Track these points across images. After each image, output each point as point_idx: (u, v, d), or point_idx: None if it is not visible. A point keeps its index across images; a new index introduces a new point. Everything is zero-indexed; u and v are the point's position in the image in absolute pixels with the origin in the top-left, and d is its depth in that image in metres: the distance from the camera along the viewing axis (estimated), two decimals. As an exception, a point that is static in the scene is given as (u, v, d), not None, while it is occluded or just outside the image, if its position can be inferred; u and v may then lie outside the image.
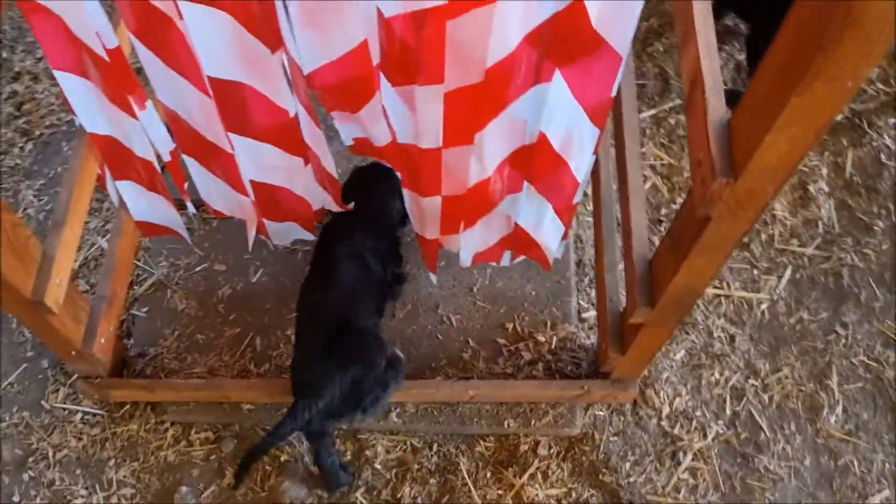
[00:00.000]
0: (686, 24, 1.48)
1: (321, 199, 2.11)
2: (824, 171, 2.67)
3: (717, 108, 1.34)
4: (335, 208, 2.14)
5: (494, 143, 1.71)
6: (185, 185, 2.10)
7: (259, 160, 1.86)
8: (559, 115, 1.64)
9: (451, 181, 1.78)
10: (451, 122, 1.59)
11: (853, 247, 2.53)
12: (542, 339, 2.24)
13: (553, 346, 2.24)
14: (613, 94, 1.55)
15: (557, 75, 1.55)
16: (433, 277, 2.26)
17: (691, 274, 1.54)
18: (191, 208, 2.15)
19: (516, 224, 2.04)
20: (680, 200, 2.62)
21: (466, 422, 2.16)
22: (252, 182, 1.93)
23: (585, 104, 1.59)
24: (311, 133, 1.89)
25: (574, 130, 1.66)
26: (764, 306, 2.44)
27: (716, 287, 2.48)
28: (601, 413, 2.24)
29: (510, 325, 2.27)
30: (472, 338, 2.25)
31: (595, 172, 2.25)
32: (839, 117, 2.76)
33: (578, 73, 1.52)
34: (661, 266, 1.67)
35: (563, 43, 1.47)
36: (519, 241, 2.09)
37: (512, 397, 2.15)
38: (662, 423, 2.25)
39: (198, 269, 2.34)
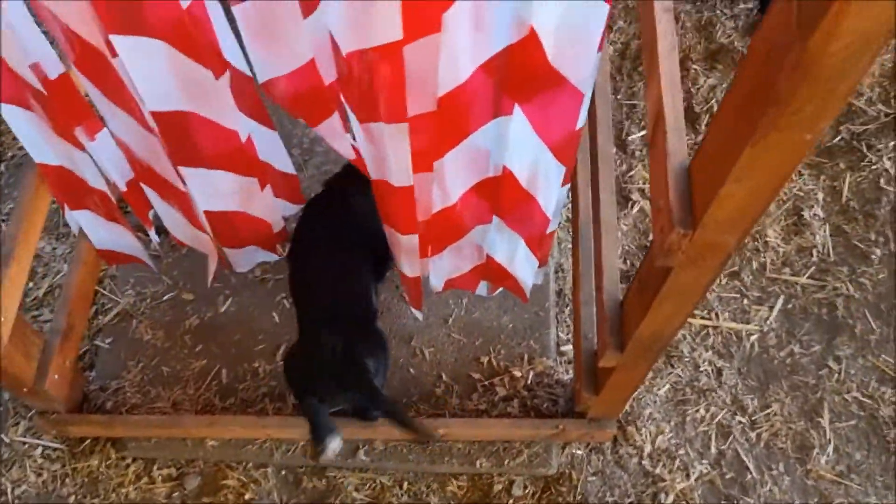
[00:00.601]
0: (650, 56, 1.39)
1: (281, 221, 2.04)
2: (820, 195, 2.57)
3: (677, 151, 1.25)
4: (291, 210, 2.09)
5: (456, 173, 1.64)
6: (151, 212, 2.04)
7: (212, 188, 1.79)
8: (523, 149, 1.56)
9: (410, 209, 1.71)
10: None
11: (849, 276, 2.42)
12: (518, 374, 2.16)
13: (529, 382, 2.15)
14: (578, 127, 1.47)
15: (517, 109, 1.47)
16: (418, 314, 2.19)
17: (657, 321, 1.45)
18: (154, 238, 2.08)
19: (489, 256, 1.96)
20: (669, 226, 2.52)
21: (437, 460, 2.08)
22: (207, 213, 1.86)
23: (548, 140, 1.51)
24: (263, 145, 1.83)
25: (539, 166, 1.58)
26: (754, 338, 2.34)
27: (704, 318, 2.38)
28: (579, 452, 2.14)
29: (485, 359, 2.19)
30: (446, 372, 2.17)
31: (574, 201, 2.17)
32: (837, 139, 2.66)
33: (538, 108, 1.44)
34: (631, 309, 1.58)
35: (519, 76, 1.39)
36: (493, 272, 2.02)
37: (484, 436, 2.06)
38: (644, 462, 2.16)
39: (165, 297, 2.27)
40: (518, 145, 1.55)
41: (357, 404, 1.91)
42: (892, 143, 2.64)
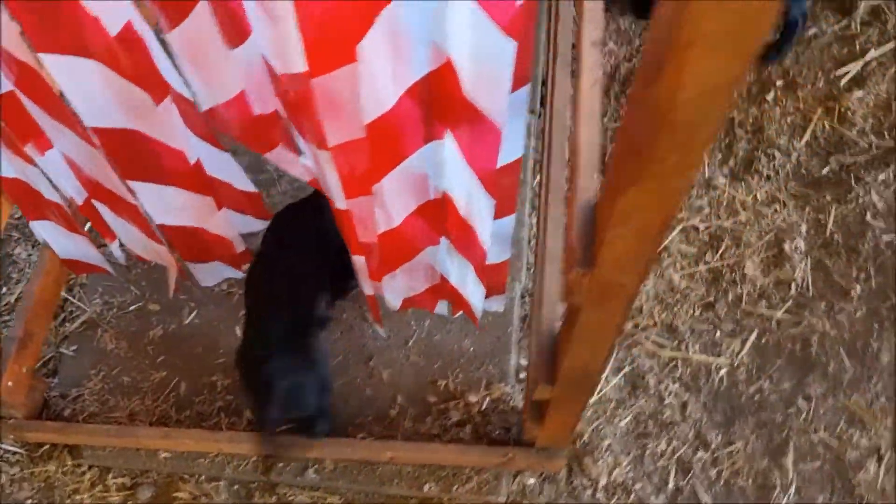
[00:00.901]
0: (575, 91, 1.38)
1: (242, 241, 2.06)
2: (804, 228, 2.51)
3: (586, 188, 1.24)
4: (259, 226, 2.11)
5: (396, 196, 1.63)
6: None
7: (165, 203, 1.81)
8: (458, 176, 1.55)
9: (360, 230, 1.71)
10: (343, 175, 1.52)
11: (826, 312, 2.36)
12: (473, 399, 2.14)
13: (484, 408, 2.13)
14: (499, 165, 1.46)
15: (449, 134, 1.46)
16: (381, 331, 2.20)
17: (578, 359, 1.43)
18: (116, 252, 2.11)
19: (442, 277, 1.95)
20: (645, 253, 2.48)
21: (386, 482, 2.07)
22: (163, 226, 1.89)
23: (477, 171, 1.50)
24: (217, 164, 1.85)
25: (473, 195, 1.57)
26: (723, 372, 2.30)
27: (673, 349, 2.34)
28: (531, 481, 2.12)
29: (443, 383, 2.17)
30: (402, 394, 2.16)
31: (538, 228, 2.15)
32: (825, 170, 2.60)
33: (464, 137, 1.43)
34: (561, 343, 1.56)
35: (443, 104, 1.38)
36: (449, 293, 2.01)
37: (432, 461, 2.05)
38: (598, 494, 2.12)
39: (131, 307, 2.30)
40: (453, 171, 1.54)
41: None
42: (882, 176, 2.57)
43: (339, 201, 1.60)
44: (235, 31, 1.35)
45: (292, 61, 1.32)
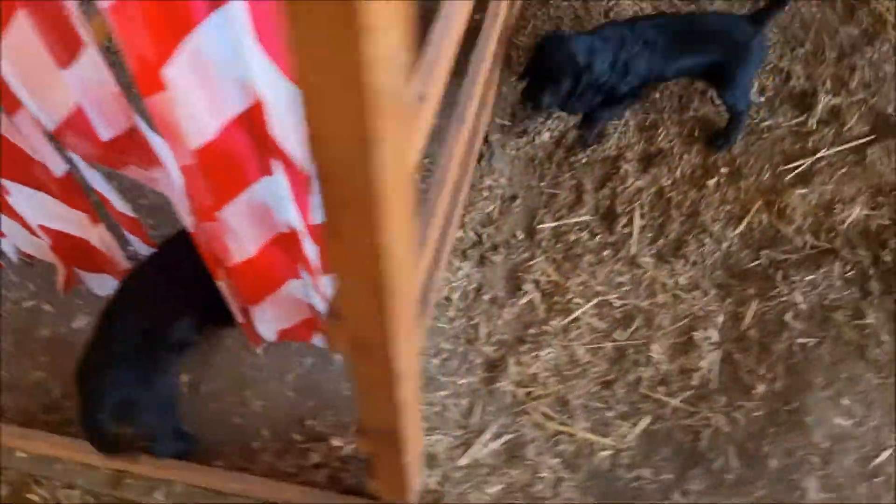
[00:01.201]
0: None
1: (125, 256, 2.08)
2: (720, 318, 2.44)
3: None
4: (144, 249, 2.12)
5: (244, 225, 1.63)
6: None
7: (39, 207, 1.83)
8: (294, 215, 1.55)
9: (218, 255, 1.72)
10: (188, 199, 1.53)
11: (724, 407, 2.28)
12: (337, 443, 2.10)
13: (346, 453, 2.09)
14: (315, 222, 1.45)
15: (277, 172, 1.46)
16: (259, 351, 2.19)
17: (372, 412, 1.40)
18: (6, 247, 2.14)
19: (315, 311, 1.94)
20: (554, 324, 2.44)
21: (233, 513, 2.04)
22: (42, 227, 1.91)
23: (304, 216, 1.50)
24: (98, 178, 1.87)
25: (305, 238, 1.57)
26: (606, 454, 2.22)
27: (562, 423, 2.28)
28: (380, 536, 2.07)
29: (311, 422, 2.15)
30: (269, 428, 2.14)
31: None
32: (754, 263, 2.54)
33: (288, 178, 1.44)
34: (372, 396, 1.53)
35: (263, 143, 1.39)
36: (323, 328, 1.99)
37: (279, 499, 2.01)
38: (447, 561, 2.06)
39: (25, 304, 2.32)
40: (289, 208, 1.54)
41: None
42: (811, 277, 2.49)
43: (189, 225, 1.61)
44: (67, 48, 1.37)
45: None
